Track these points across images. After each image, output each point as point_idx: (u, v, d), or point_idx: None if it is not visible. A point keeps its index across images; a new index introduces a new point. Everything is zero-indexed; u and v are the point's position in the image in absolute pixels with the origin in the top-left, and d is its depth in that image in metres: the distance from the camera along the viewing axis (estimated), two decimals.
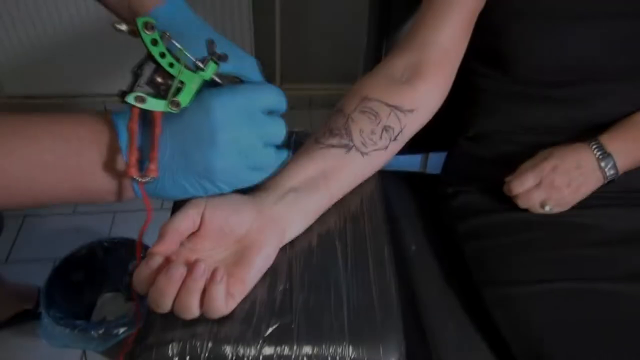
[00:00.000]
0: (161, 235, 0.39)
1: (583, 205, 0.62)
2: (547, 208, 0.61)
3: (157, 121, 0.37)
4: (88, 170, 0.37)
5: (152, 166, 0.37)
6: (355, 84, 0.56)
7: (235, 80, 0.42)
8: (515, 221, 0.63)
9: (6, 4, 1.51)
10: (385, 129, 0.51)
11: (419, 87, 0.55)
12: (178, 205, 0.42)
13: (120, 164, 0.37)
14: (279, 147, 0.43)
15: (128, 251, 1.17)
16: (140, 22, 0.37)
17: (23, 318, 1.18)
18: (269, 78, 0.50)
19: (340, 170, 0.48)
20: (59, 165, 0.36)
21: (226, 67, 0.41)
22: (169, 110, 0.37)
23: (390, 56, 0.58)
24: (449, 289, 0.68)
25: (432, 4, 0.60)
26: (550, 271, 0.58)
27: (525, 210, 0.63)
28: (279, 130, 0.41)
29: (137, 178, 0.37)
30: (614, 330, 0.53)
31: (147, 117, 0.38)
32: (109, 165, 0.37)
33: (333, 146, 0.49)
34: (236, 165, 0.39)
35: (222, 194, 0.42)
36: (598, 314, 0.54)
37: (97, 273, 1.16)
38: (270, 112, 0.41)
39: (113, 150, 0.37)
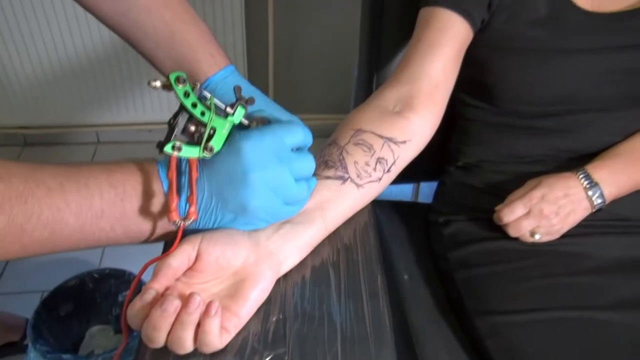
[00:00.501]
0: (156, 273, 0.39)
1: (572, 233, 0.63)
2: (536, 237, 0.62)
3: (194, 167, 0.40)
4: (133, 215, 0.40)
5: (192, 209, 0.39)
6: (348, 116, 0.57)
7: (263, 121, 0.45)
8: (506, 250, 0.64)
9: (1, 35, 1.53)
10: (379, 160, 0.52)
11: (411, 118, 0.56)
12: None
13: (164, 209, 0.40)
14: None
15: (118, 282, 1.15)
16: (172, 77, 0.41)
17: (8, 350, 1.15)
18: None
19: (336, 202, 0.49)
20: (107, 210, 0.38)
21: (254, 109, 0.45)
22: (204, 155, 0.40)
23: (382, 88, 0.60)
24: (441, 317, 0.67)
25: (422, 38, 0.62)
26: (542, 300, 0.59)
27: (516, 239, 0.63)
28: (307, 165, 0.44)
29: (178, 221, 0.39)
30: (605, 358, 0.54)
31: (185, 163, 0.40)
32: (153, 210, 0.40)
33: (328, 178, 0.50)
34: (270, 202, 0.41)
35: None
36: (589, 342, 0.55)
37: (86, 305, 1.15)
38: (298, 148, 0.44)
39: (157, 196, 0.40)
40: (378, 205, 0.84)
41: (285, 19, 1.67)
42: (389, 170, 0.53)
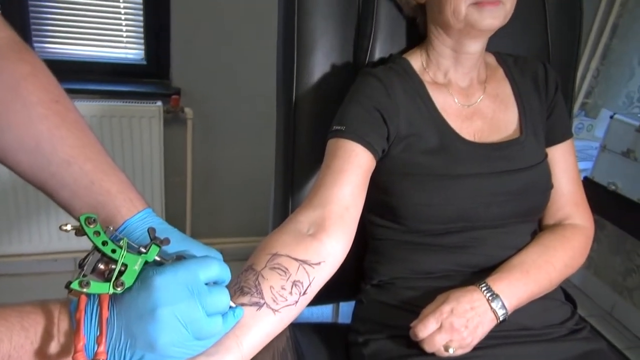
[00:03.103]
0: None
1: (483, 345, 0.65)
2: (450, 350, 0.63)
3: (104, 305, 0.39)
4: (40, 359, 0.38)
5: (100, 349, 0.38)
6: (264, 241, 0.59)
7: (179, 258, 0.45)
8: None
9: None
10: (295, 283, 0.53)
11: (324, 240, 0.59)
12: None
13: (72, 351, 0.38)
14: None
15: None
16: (82, 218, 0.41)
17: None
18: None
19: (252, 329, 0.48)
20: (15, 355, 0.36)
21: (170, 249, 0.46)
22: (114, 291, 0.39)
23: (297, 212, 0.63)
24: None
25: (331, 166, 0.67)
26: None
27: (433, 355, 0.65)
28: (221, 300, 0.43)
29: None
30: None
31: (96, 303, 0.39)
32: (62, 353, 0.38)
33: (244, 305, 0.49)
34: (181, 337, 0.40)
35: None
36: None
37: None
38: (215, 282, 0.44)
39: (67, 338, 0.38)
40: (298, 328, 0.83)
41: (203, 147, 1.73)
42: (305, 293, 0.54)
